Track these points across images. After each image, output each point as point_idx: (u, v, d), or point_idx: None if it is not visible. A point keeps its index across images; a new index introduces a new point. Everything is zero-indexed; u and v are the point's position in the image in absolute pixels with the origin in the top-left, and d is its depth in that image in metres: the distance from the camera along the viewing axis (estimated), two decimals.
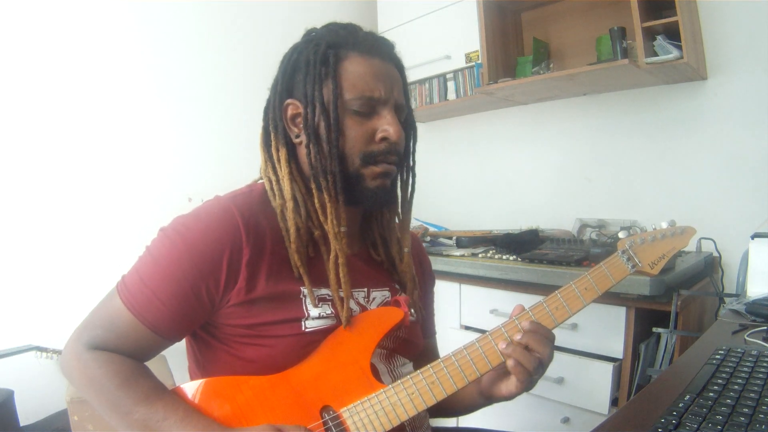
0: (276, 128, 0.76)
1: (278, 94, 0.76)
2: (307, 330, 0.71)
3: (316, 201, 0.73)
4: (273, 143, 0.76)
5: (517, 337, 0.69)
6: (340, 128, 0.71)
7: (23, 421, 1.55)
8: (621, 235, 0.81)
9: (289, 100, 0.75)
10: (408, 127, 0.81)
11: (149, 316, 0.67)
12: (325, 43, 0.73)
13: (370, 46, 0.73)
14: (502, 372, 0.73)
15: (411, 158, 0.83)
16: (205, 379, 0.69)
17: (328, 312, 0.73)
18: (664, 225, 0.84)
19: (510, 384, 0.72)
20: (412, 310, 0.82)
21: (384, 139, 0.73)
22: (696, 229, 0.86)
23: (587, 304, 0.74)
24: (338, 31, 0.75)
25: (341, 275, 0.72)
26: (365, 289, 0.79)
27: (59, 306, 1.66)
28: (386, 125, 0.72)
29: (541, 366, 0.69)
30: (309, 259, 0.74)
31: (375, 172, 0.74)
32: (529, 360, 0.68)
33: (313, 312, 0.72)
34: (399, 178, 0.82)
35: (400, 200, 0.83)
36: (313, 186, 0.74)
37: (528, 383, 0.70)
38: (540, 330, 0.70)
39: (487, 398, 0.78)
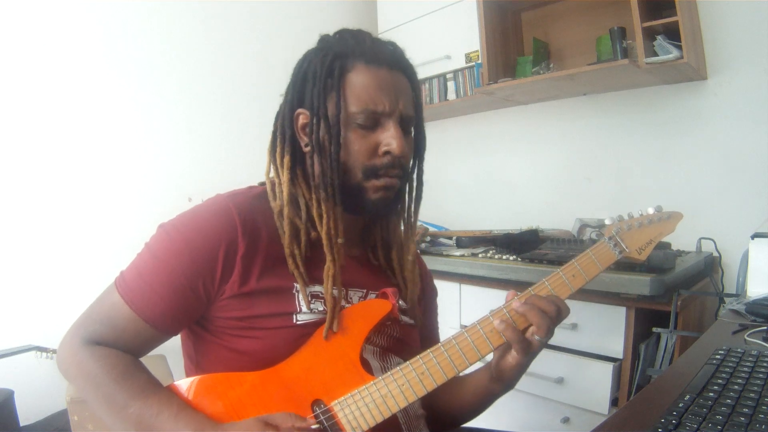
0: (284, 135, 0.77)
1: (289, 103, 0.77)
2: (298, 322, 0.71)
3: (314, 210, 0.74)
4: (278, 149, 0.77)
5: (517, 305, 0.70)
6: (342, 142, 0.72)
7: (23, 421, 1.55)
8: (607, 222, 0.83)
9: (300, 110, 0.76)
10: (418, 135, 0.81)
11: (147, 311, 0.68)
12: (332, 54, 0.73)
13: (376, 55, 0.73)
14: (503, 349, 0.72)
15: (419, 165, 0.82)
16: (199, 377, 0.69)
17: (321, 309, 0.73)
18: (651, 210, 0.85)
19: (512, 355, 0.71)
20: (401, 302, 0.81)
21: (387, 153, 0.73)
22: (683, 214, 0.87)
23: (575, 291, 0.74)
24: (347, 39, 0.75)
25: (333, 285, 0.72)
26: (364, 290, 0.80)
27: (59, 306, 1.65)
28: (390, 139, 0.72)
29: (555, 322, 0.70)
30: (307, 256, 0.74)
31: (377, 186, 0.74)
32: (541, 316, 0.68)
33: (305, 308, 0.72)
34: (407, 185, 0.81)
35: (406, 206, 0.83)
36: (313, 195, 0.75)
37: (535, 347, 0.70)
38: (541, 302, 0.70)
39: (497, 379, 0.75)
